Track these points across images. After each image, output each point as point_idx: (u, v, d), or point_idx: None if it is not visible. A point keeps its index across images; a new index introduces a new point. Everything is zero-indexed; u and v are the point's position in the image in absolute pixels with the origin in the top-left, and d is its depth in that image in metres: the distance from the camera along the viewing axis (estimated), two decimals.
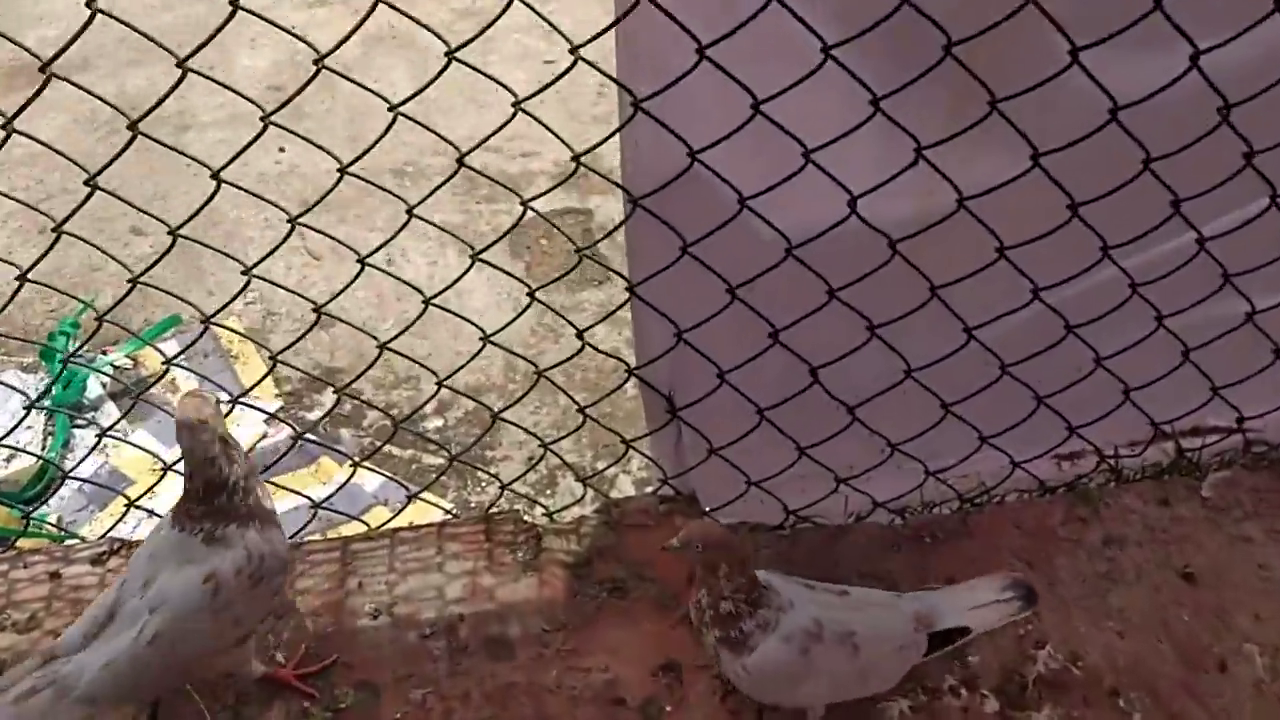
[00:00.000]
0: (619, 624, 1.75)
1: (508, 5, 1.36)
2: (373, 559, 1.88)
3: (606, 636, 1.72)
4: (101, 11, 1.20)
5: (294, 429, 2.36)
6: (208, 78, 1.35)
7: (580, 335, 1.80)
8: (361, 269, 1.62)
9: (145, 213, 1.62)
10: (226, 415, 1.46)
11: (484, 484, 2.69)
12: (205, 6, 4.73)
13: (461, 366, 2.01)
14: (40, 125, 3.96)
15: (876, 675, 1.51)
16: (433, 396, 2.60)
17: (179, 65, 1.29)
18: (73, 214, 1.47)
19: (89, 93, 1.38)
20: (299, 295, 1.84)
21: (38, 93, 1.27)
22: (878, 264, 1.58)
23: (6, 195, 1.80)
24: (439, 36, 1.37)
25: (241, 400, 1.78)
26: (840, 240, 1.55)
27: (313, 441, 2.17)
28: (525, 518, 1.95)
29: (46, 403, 2.60)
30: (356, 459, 2.18)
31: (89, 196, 1.44)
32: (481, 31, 1.34)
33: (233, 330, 2.81)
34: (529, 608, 1.77)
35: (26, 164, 3.69)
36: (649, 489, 2.14)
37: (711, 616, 1.42)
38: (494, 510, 1.99)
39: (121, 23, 1.32)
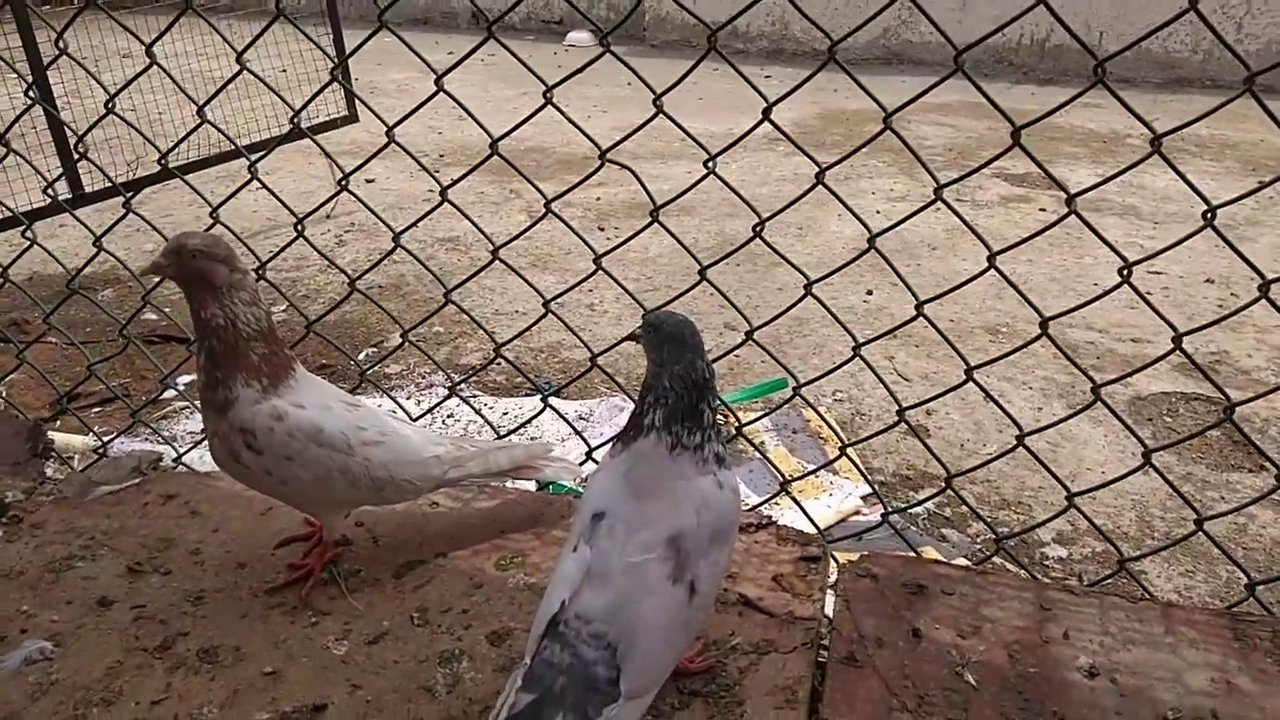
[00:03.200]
0: None
1: None
2: (1078, 614, 1.48)
3: None
4: (716, 175, 1.62)
5: (886, 507, 2.07)
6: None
7: (1199, 524, 1.56)
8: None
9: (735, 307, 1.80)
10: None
11: None
12: (795, 186, 5.18)
13: (1068, 506, 1.66)
14: (651, 242, 4.43)
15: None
16: (1046, 521, 2.22)
17: (757, 225, 1.67)
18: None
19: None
20: (891, 395, 1.73)
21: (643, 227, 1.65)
22: None
23: (619, 284, 1.91)
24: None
25: (829, 470, 1.68)
26: None
27: (892, 526, 1.89)
28: None
29: None
30: (969, 562, 1.85)
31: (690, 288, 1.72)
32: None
33: (817, 411, 2.68)
34: None
35: (640, 265, 4.09)
36: None
37: None
38: (1240, 609, 1.51)
39: (730, 189, 1.70)
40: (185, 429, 2.60)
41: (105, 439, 2.10)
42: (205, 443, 2.08)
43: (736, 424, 1.83)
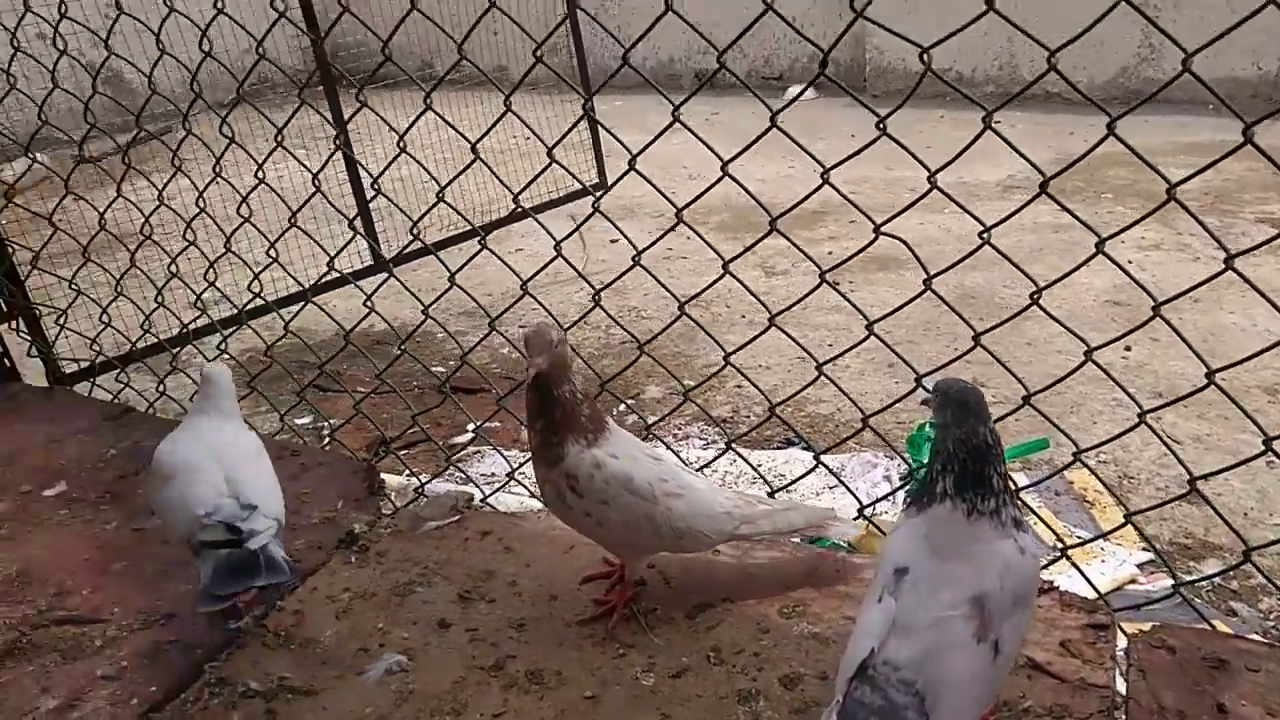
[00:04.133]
0: None
1: None
2: None
3: None
4: (988, 243, 1.65)
5: (1175, 578, 2.01)
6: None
7: None
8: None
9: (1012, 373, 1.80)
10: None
11: None
12: (1034, 235, 5.07)
13: None
14: (889, 296, 4.46)
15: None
16: None
17: (1035, 294, 1.66)
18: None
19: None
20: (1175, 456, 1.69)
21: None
22: None
23: (887, 345, 1.95)
24: None
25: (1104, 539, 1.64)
26: None
27: (1184, 597, 1.82)
28: None
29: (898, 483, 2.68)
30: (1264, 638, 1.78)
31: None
32: None
33: (1098, 477, 2.63)
34: None
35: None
36: None
37: None
38: None
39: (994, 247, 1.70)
40: (479, 471, 2.91)
41: (421, 479, 2.39)
42: (506, 485, 2.34)
43: (1015, 488, 1.87)
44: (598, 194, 2.19)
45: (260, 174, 2.37)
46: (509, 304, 2.35)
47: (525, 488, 2.39)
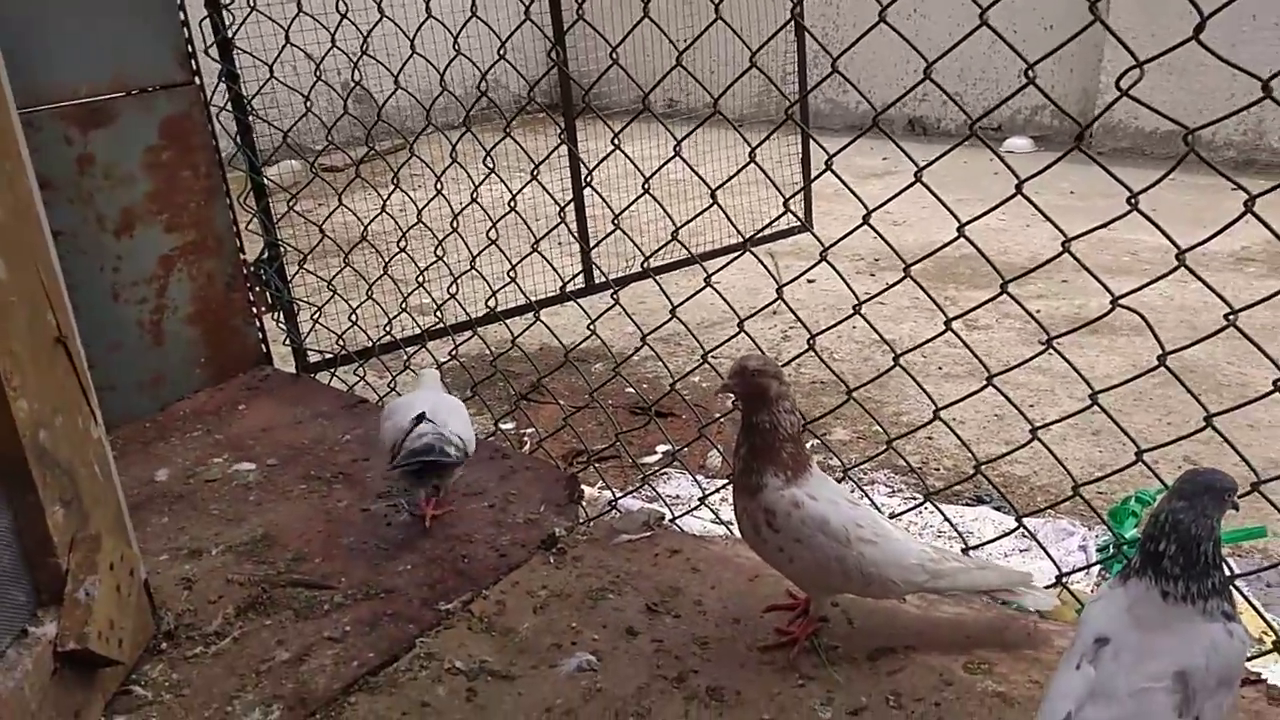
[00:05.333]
0: None
1: None
2: None
3: None
4: (1234, 324, 1.57)
5: None
6: None
7: None
8: None
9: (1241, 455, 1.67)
10: None
11: None
12: (1269, 313, 4.70)
13: None
14: (1097, 361, 4.26)
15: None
16: None
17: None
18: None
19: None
20: None
21: None
22: None
23: (1105, 410, 1.82)
24: None
25: None
26: None
27: None
28: None
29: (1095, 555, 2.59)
30: None
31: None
32: None
33: None
34: None
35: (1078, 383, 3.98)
36: None
37: None
38: None
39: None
40: (665, 491, 3.02)
41: (615, 492, 2.53)
42: (695, 509, 2.44)
43: (1230, 573, 1.79)
44: (815, 236, 2.26)
45: (513, 203, 2.60)
46: (718, 338, 2.45)
47: (711, 512, 2.48)
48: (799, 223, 5.12)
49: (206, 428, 2.93)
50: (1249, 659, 1.96)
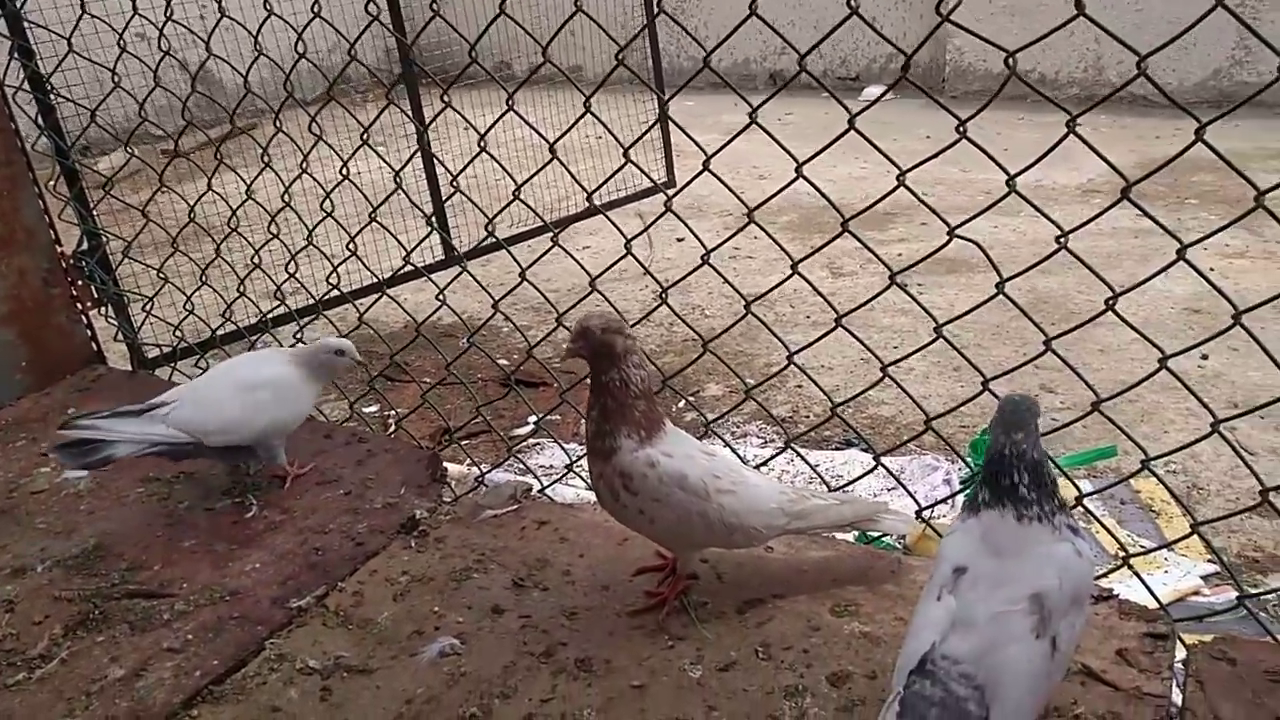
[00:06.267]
0: None
1: None
2: None
3: None
4: (1065, 247, 1.59)
5: (1241, 590, 1.94)
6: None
7: None
8: None
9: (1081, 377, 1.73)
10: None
11: None
12: (1113, 241, 4.94)
13: None
14: (957, 299, 4.39)
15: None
16: None
17: (1110, 299, 1.62)
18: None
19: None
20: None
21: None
22: None
23: (957, 350, 1.91)
24: None
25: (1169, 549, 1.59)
26: None
27: (1250, 610, 1.74)
28: None
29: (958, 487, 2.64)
30: None
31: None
32: None
33: (1165, 486, 2.56)
34: None
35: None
36: None
37: None
38: None
39: (1071, 251, 1.60)
40: (538, 462, 2.95)
41: (482, 468, 2.44)
42: (564, 477, 2.37)
43: (1078, 493, 1.83)
44: (668, 192, 2.20)
45: (345, 171, 2.44)
46: (576, 300, 2.38)
47: (582, 480, 2.41)
48: (655, 182, 5.06)
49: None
50: (1101, 576, 2.03)
